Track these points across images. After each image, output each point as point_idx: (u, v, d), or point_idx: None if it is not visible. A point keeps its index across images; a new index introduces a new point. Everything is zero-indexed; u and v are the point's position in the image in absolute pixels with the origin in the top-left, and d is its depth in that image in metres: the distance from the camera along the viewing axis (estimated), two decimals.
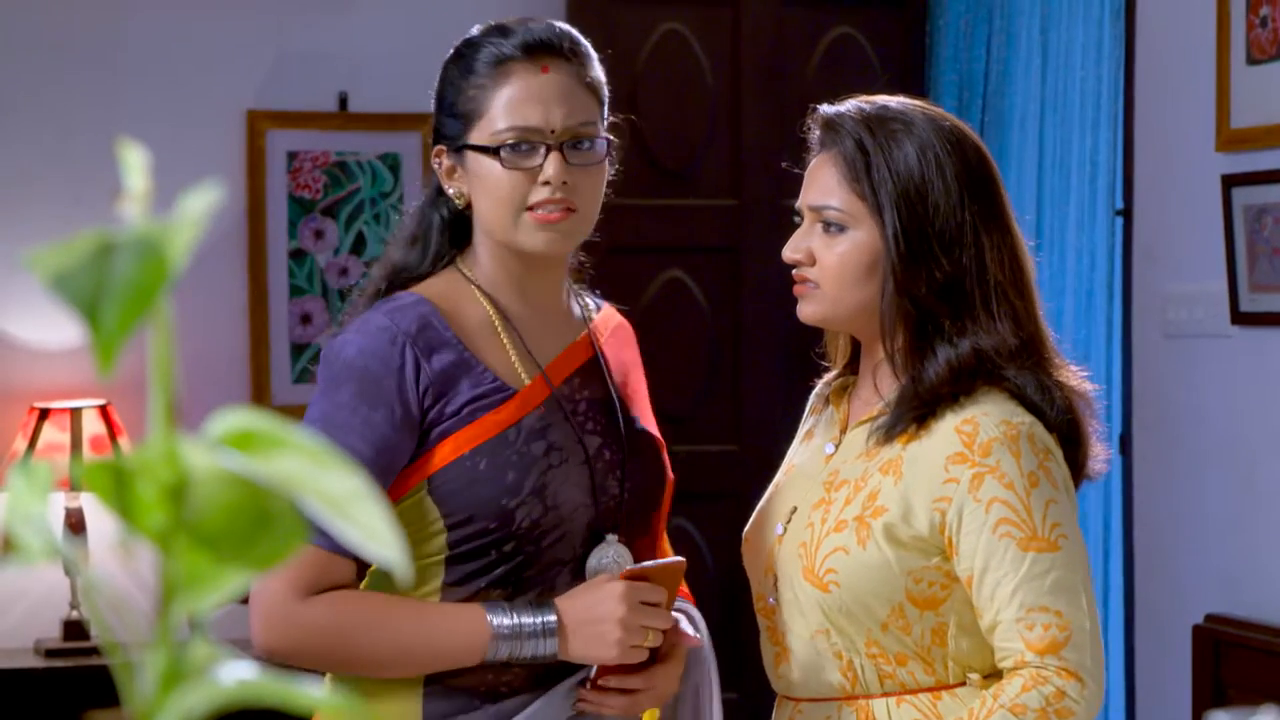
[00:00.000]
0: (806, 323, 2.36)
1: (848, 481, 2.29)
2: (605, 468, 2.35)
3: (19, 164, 4.99)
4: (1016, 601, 2.18)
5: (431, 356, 2.29)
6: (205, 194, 0.67)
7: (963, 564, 2.21)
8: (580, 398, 2.38)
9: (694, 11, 5.29)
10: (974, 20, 5.24)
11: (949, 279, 2.27)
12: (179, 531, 0.68)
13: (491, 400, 2.30)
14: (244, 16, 5.12)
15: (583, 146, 2.34)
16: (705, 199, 5.31)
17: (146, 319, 0.65)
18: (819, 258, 2.30)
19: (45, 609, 4.88)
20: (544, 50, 2.33)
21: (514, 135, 2.30)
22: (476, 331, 2.34)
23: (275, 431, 0.70)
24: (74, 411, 4.74)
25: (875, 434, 2.30)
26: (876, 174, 2.27)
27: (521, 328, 2.37)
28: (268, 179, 5.14)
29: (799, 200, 2.36)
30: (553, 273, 2.40)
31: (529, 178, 2.30)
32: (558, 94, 2.32)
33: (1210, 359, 4.43)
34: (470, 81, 2.33)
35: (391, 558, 0.69)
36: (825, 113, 2.35)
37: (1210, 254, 4.38)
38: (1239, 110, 4.26)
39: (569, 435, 2.33)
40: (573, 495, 2.31)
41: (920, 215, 2.27)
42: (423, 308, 2.33)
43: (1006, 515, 2.19)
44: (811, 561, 2.27)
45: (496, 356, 2.34)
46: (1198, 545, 4.48)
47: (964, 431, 2.22)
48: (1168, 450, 4.60)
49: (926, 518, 2.22)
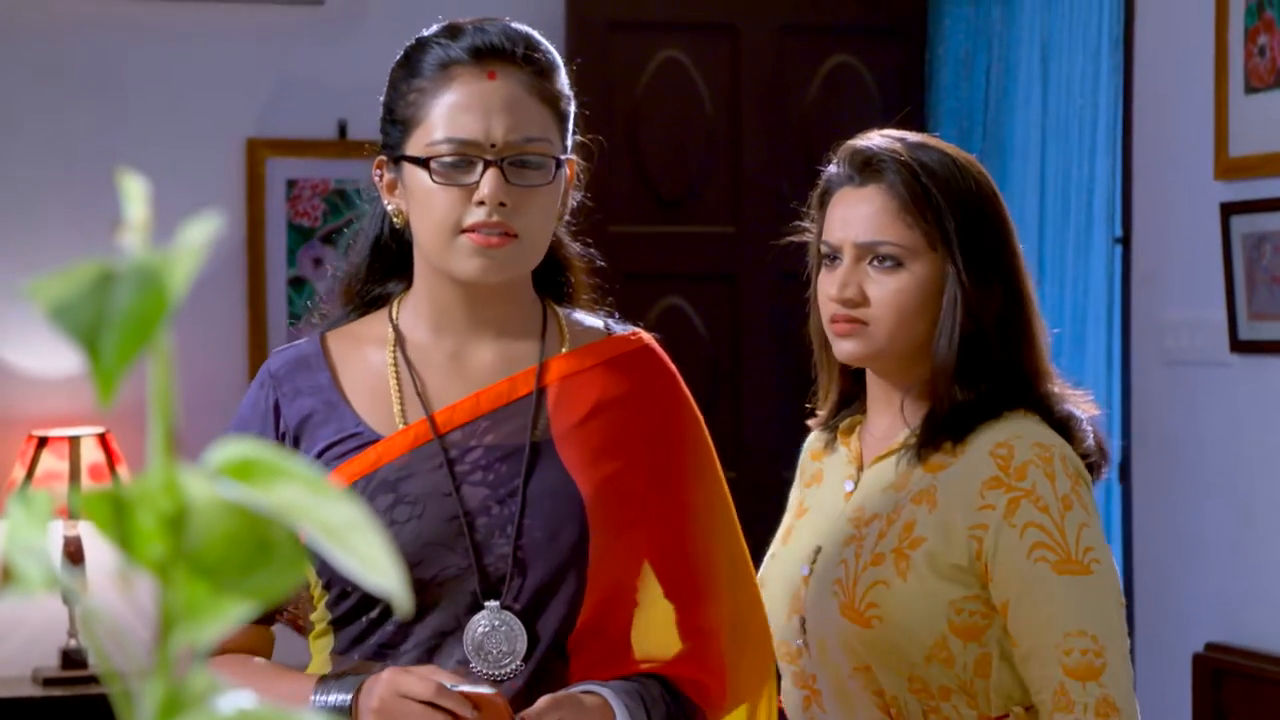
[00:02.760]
0: (849, 362, 2.32)
1: (878, 516, 2.27)
2: (491, 524, 2.05)
3: (19, 191, 4.99)
4: (1054, 626, 2.16)
5: (295, 400, 2.11)
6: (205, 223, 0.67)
7: (999, 590, 2.19)
8: (478, 444, 2.08)
9: (693, 40, 5.30)
10: (973, 49, 5.25)
11: (1006, 305, 2.27)
12: (178, 561, 0.68)
13: (347, 448, 2.08)
14: (244, 45, 5.13)
15: (528, 164, 2.06)
16: (704, 226, 5.31)
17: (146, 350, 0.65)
18: (872, 295, 2.26)
19: (43, 638, 4.87)
20: (492, 54, 2.07)
21: (449, 147, 2.06)
22: (364, 374, 2.13)
23: (274, 461, 0.70)
24: (72, 440, 4.73)
25: (905, 457, 2.27)
26: (937, 206, 2.26)
27: (426, 368, 2.13)
28: (267, 206, 5.14)
29: (834, 237, 2.30)
30: (497, 304, 2.13)
31: (464, 195, 2.05)
32: (502, 103, 2.06)
33: (1209, 387, 4.43)
34: (412, 85, 2.11)
35: (390, 586, 0.69)
36: (861, 147, 2.31)
37: (1209, 282, 4.38)
38: (1237, 139, 4.27)
39: (437, 487, 2.05)
40: (433, 555, 2.03)
41: (983, 243, 2.27)
42: (307, 347, 2.15)
43: (1042, 539, 2.18)
44: (850, 598, 2.23)
45: (375, 401, 2.11)
46: (1197, 573, 4.48)
47: (999, 455, 2.22)
48: (1167, 477, 4.60)
49: (964, 546, 2.20)
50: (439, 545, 2.03)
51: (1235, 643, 4.32)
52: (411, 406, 2.10)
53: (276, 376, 2.12)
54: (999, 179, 5.17)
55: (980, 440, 2.24)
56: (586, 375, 2.15)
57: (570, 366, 2.14)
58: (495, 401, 2.11)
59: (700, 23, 5.31)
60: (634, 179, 5.26)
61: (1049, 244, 4.98)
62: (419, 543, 2.02)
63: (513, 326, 2.15)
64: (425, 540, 2.03)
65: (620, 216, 5.21)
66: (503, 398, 2.11)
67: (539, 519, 2.05)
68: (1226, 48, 4.29)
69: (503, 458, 2.08)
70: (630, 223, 5.25)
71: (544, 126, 2.08)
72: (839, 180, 2.33)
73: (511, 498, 2.06)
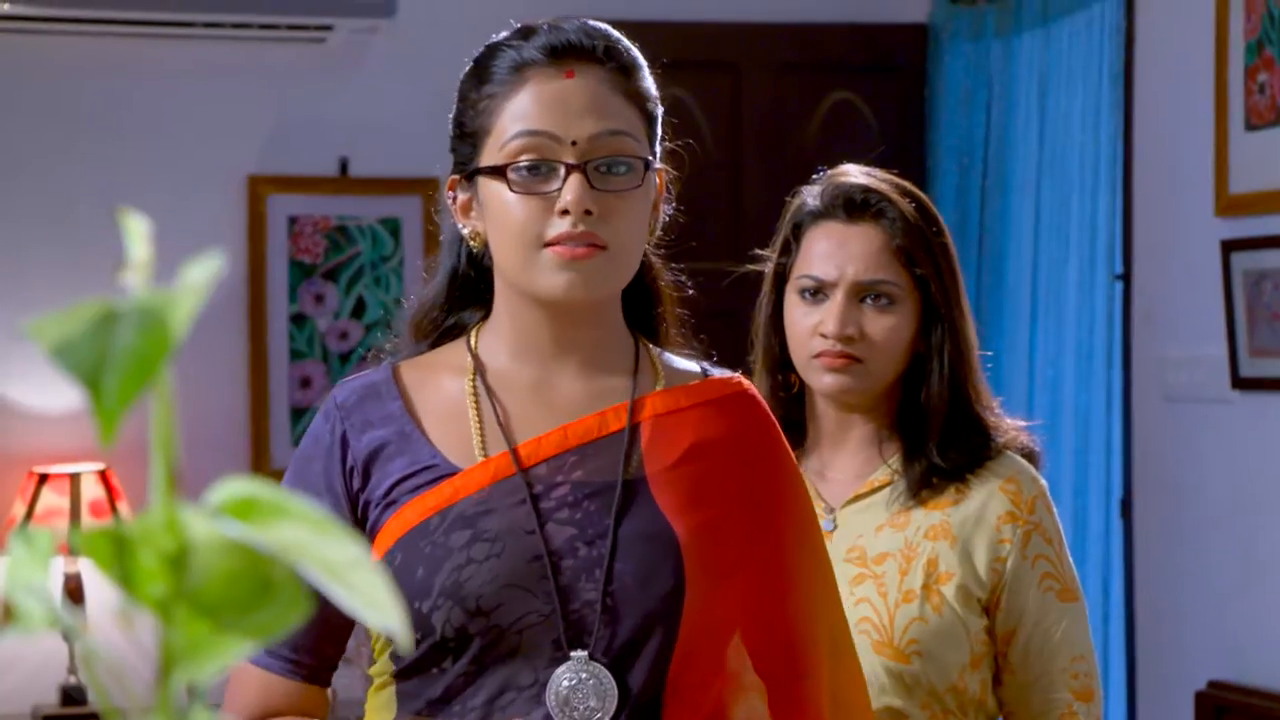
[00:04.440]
0: (835, 397, 2.36)
1: (889, 555, 2.31)
2: (578, 567, 1.84)
3: (20, 229, 5.00)
4: (1063, 653, 2.29)
5: (366, 432, 1.91)
6: (208, 263, 0.67)
7: (1007, 619, 2.29)
8: (565, 480, 1.88)
9: (694, 78, 5.31)
10: (973, 85, 5.26)
11: (954, 336, 2.36)
12: (179, 600, 0.68)
13: (420, 480, 1.88)
14: (245, 82, 5.14)
15: (616, 169, 1.86)
16: (705, 263, 5.31)
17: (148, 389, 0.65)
18: (868, 332, 2.33)
19: (43, 674, 4.87)
20: (569, 52, 1.87)
21: (524, 146, 1.85)
22: (440, 404, 1.94)
23: (276, 499, 0.70)
24: (73, 476, 4.73)
25: (894, 497, 2.34)
26: (928, 249, 2.33)
27: (508, 397, 1.94)
28: (269, 243, 5.15)
29: (824, 271, 2.35)
30: (584, 328, 1.93)
31: (545, 206, 1.84)
32: (583, 100, 1.86)
33: (1210, 424, 4.43)
34: (483, 92, 1.90)
35: (391, 625, 0.69)
36: (854, 185, 2.36)
37: (1210, 319, 4.38)
38: (1238, 176, 4.27)
39: (519, 524, 1.85)
40: (513, 599, 1.82)
41: (957, 283, 2.37)
42: (377, 376, 1.97)
43: (1049, 570, 2.30)
44: (888, 635, 2.27)
45: (454, 432, 1.92)
46: (1200, 610, 4.47)
47: (1009, 490, 2.31)
48: (1169, 515, 4.59)
49: (987, 579, 2.28)
50: (519, 588, 1.82)
51: (1238, 680, 4.30)
52: (492, 438, 1.90)
53: (345, 407, 1.93)
54: (999, 215, 5.19)
55: (987, 476, 2.32)
56: (683, 415, 1.95)
57: (666, 405, 1.95)
58: (584, 436, 1.90)
59: (701, 60, 5.32)
60: None
61: (1048, 280, 4.99)
62: (497, 584, 1.81)
63: (602, 356, 1.95)
64: (504, 582, 1.81)
65: None
66: (592, 432, 1.91)
67: (631, 563, 1.84)
68: (1227, 85, 4.30)
69: (591, 495, 1.87)
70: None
71: (630, 124, 1.88)
72: (819, 213, 2.37)
73: (601, 539, 1.84)
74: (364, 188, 5.21)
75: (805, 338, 2.35)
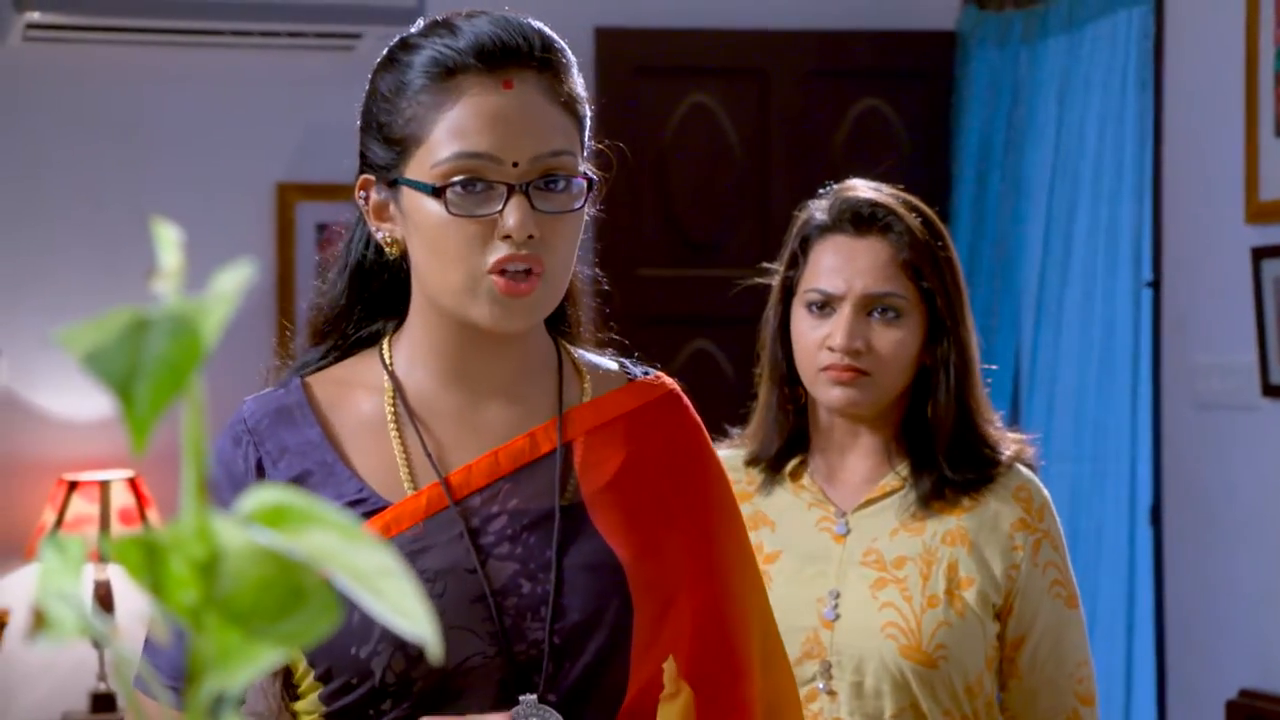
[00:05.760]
0: (844, 410, 2.38)
1: (908, 559, 2.33)
2: (523, 605, 1.74)
3: (50, 237, 5.02)
4: (1070, 659, 2.34)
5: (281, 459, 1.79)
6: (238, 271, 0.67)
7: (1018, 625, 2.32)
8: (501, 511, 1.78)
9: (721, 84, 5.31)
10: (999, 91, 5.25)
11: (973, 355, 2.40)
12: (210, 607, 0.68)
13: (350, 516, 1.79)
14: (273, 90, 5.15)
15: (556, 186, 1.75)
16: (732, 270, 5.31)
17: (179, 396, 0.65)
18: (875, 345, 2.34)
19: (73, 681, 4.88)
20: (506, 58, 1.75)
21: (463, 168, 1.73)
22: (360, 428, 1.82)
23: (306, 507, 0.70)
24: (103, 484, 4.75)
25: (905, 503, 2.36)
26: (935, 262, 2.35)
27: (432, 420, 1.82)
28: (297, 250, 5.16)
29: (831, 284, 2.36)
30: (512, 349, 1.83)
31: (484, 230, 1.73)
32: (523, 118, 1.74)
33: (1241, 431, 4.41)
34: (406, 96, 1.78)
35: (422, 633, 0.69)
36: (862, 199, 2.38)
37: (1240, 326, 4.36)
38: (1267, 183, 4.26)
39: (458, 562, 1.74)
40: (455, 641, 1.71)
41: (962, 296, 2.39)
42: (288, 397, 1.85)
43: (1057, 577, 2.34)
44: (916, 640, 2.29)
45: (377, 460, 1.80)
46: (1231, 618, 4.45)
47: (1021, 498, 2.35)
48: (1199, 522, 4.57)
49: (1002, 584, 2.32)
50: (462, 629, 1.72)
51: (1269, 689, 4.28)
52: (419, 466, 1.79)
53: (257, 432, 1.81)
54: (1021, 220, 5.18)
55: (998, 486, 2.36)
56: (613, 427, 1.85)
57: (596, 417, 1.85)
58: (517, 460, 1.80)
59: (728, 67, 5.32)
60: (662, 223, 5.26)
61: (1078, 288, 4.97)
62: (439, 627, 1.67)
63: (526, 375, 1.85)
64: (447, 624, 1.71)
65: (648, 260, 5.21)
66: (524, 455, 1.80)
67: (578, 597, 1.75)
68: (1257, 92, 4.29)
69: (530, 525, 1.77)
70: (658, 266, 5.25)
71: (569, 139, 1.77)
72: (826, 227, 2.38)
73: (544, 572, 1.75)
74: None
75: (812, 351, 2.37)
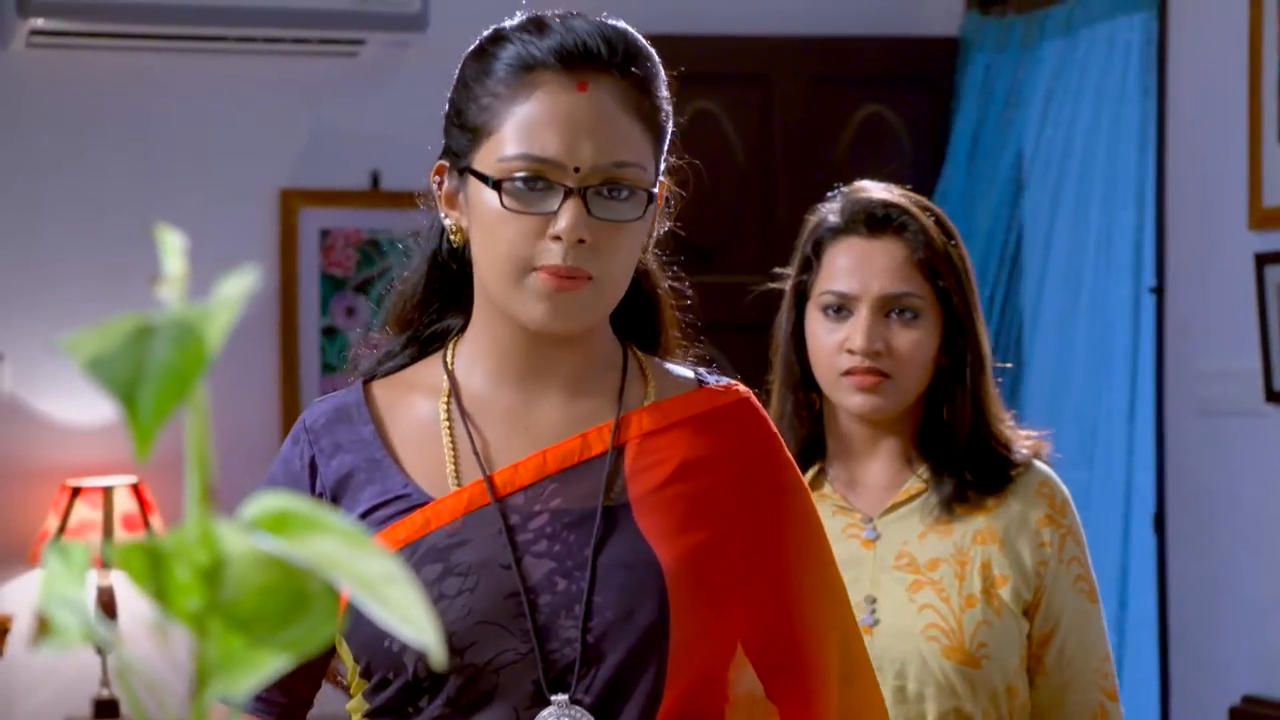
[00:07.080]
0: (868, 415, 2.36)
1: (941, 560, 2.33)
2: (557, 603, 1.72)
3: (54, 243, 5.02)
4: (1095, 653, 2.34)
5: (334, 457, 1.82)
6: (242, 277, 0.67)
7: (1044, 621, 2.32)
8: (544, 509, 1.76)
9: (725, 91, 5.31)
10: (1000, 96, 5.24)
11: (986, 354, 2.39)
12: (214, 613, 0.68)
13: (391, 511, 1.77)
14: (277, 96, 5.16)
15: (618, 195, 1.74)
16: (736, 276, 5.32)
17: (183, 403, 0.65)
18: (895, 347, 2.34)
19: (76, 687, 4.88)
20: (586, 59, 1.74)
21: (524, 167, 1.73)
22: (414, 427, 1.83)
23: (310, 513, 0.70)
24: (106, 490, 4.75)
25: (930, 505, 2.35)
26: (949, 262, 2.35)
27: (485, 421, 1.82)
28: (300, 257, 5.17)
29: (848, 286, 2.35)
30: (568, 351, 1.81)
31: (538, 227, 1.72)
32: (593, 121, 1.73)
33: (1244, 437, 4.41)
34: (485, 86, 1.77)
35: (425, 640, 0.69)
36: (875, 200, 2.37)
37: (1244, 332, 4.36)
38: (1271, 189, 4.26)
39: (494, 557, 1.73)
40: (487, 636, 1.71)
41: (974, 295, 2.39)
42: (349, 397, 1.86)
43: (1080, 572, 2.34)
44: (959, 640, 2.29)
45: (427, 457, 1.81)
46: (1234, 625, 4.45)
47: (1044, 494, 2.35)
48: (1202, 528, 4.57)
49: (1033, 580, 2.32)
50: (494, 625, 1.71)
51: (1273, 695, 4.28)
52: (467, 465, 1.79)
53: (313, 431, 1.83)
54: (1027, 226, 5.18)
55: (1021, 484, 2.35)
56: (673, 432, 1.81)
57: (654, 422, 1.81)
58: (564, 461, 1.78)
59: (732, 74, 5.32)
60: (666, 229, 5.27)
61: (1081, 294, 4.97)
62: (470, 621, 1.70)
63: (586, 376, 1.83)
64: (478, 619, 1.70)
65: None
66: (573, 456, 1.78)
67: (611, 595, 1.72)
68: (1260, 98, 4.28)
69: (571, 524, 1.75)
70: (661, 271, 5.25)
71: (639, 151, 1.76)
72: (840, 229, 2.38)
73: (579, 570, 1.72)
74: (395, 201, 5.22)
75: (830, 355, 2.35)
